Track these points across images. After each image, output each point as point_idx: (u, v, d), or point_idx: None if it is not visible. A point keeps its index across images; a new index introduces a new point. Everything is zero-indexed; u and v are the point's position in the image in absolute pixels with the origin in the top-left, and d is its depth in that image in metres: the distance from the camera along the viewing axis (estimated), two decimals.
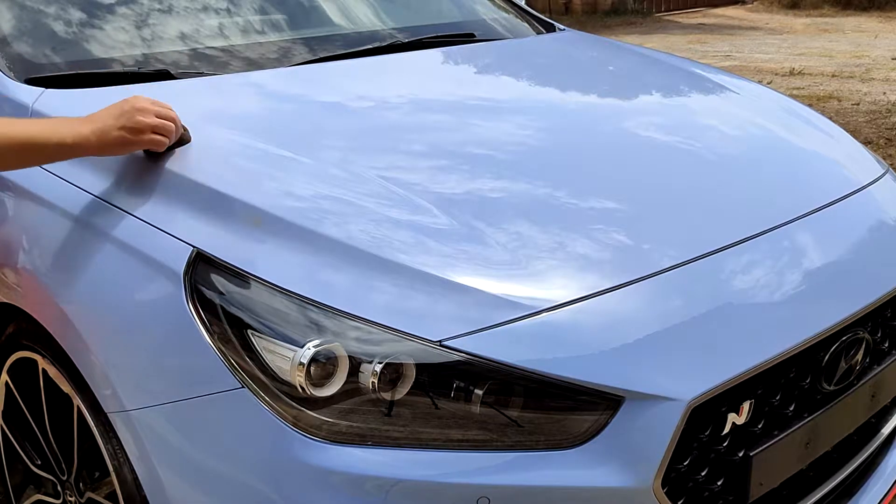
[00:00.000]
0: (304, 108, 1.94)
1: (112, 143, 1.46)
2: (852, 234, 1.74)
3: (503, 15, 2.79)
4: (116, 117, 1.46)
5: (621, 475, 1.28)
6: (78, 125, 1.46)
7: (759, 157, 1.94)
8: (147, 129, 1.47)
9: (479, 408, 1.27)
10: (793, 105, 2.37)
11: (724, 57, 9.59)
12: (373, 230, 1.41)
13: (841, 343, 1.52)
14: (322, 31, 2.41)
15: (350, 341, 1.28)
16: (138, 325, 1.40)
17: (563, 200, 1.61)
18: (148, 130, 1.47)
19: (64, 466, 1.68)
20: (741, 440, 1.43)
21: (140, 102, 1.48)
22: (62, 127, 1.46)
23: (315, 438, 1.26)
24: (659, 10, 15.64)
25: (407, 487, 1.25)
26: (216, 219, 1.43)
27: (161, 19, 2.12)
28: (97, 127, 1.45)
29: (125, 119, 1.46)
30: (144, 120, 1.47)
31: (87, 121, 1.46)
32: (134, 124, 1.46)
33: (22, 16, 1.98)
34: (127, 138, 1.46)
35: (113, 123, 1.46)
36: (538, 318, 1.32)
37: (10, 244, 1.63)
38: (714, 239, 1.54)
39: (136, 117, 1.46)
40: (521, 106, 2.14)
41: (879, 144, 5.45)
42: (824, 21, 13.13)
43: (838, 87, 7.47)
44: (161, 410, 1.35)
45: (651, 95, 2.35)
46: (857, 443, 1.72)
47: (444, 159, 1.73)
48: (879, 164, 2.08)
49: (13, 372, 1.71)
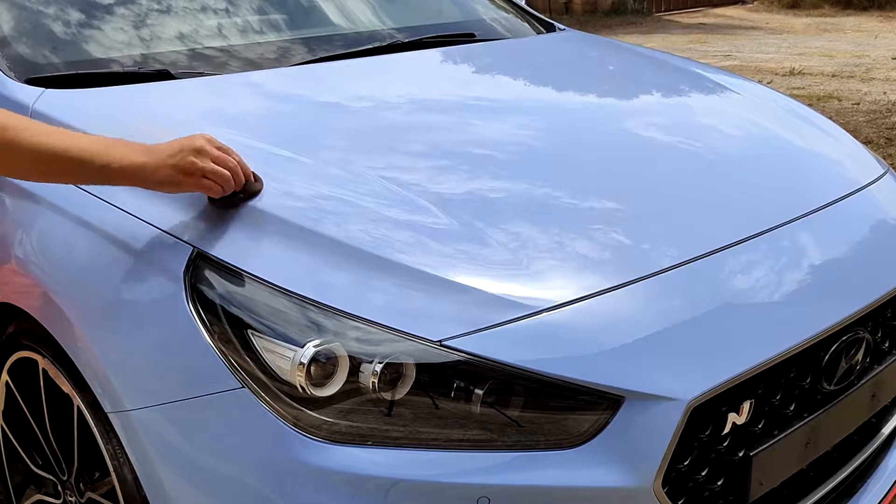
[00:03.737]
0: (303, 108, 1.94)
1: (161, 181, 1.38)
2: (852, 234, 1.74)
3: (503, 15, 2.79)
4: (172, 154, 1.38)
5: (621, 475, 1.28)
6: (131, 153, 1.37)
7: (759, 156, 1.94)
8: (199, 172, 1.38)
9: (480, 408, 1.27)
10: (793, 105, 2.37)
11: (725, 57, 9.59)
12: (373, 230, 1.41)
13: (841, 343, 1.52)
14: (322, 30, 2.41)
15: (350, 341, 1.28)
16: (138, 325, 1.40)
17: (563, 200, 1.61)
18: (199, 175, 1.38)
19: (64, 466, 1.68)
20: (741, 440, 1.43)
21: (199, 142, 1.39)
22: (114, 150, 1.37)
23: (315, 438, 1.26)
24: (659, 10, 15.65)
25: (407, 487, 1.25)
26: (216, 218, 1.43)
27: (161, 19, 2.12)
28: (152, 159, 1.37)
29: (179, 158, 1.37)
30: (198, 163, 1.38)
31: (144, 151, 1.38)
32: (187, 165, 1.37)
33: (22, 16, 1.98)
34: (176, 178, 1.38)
35: (166, 160, 1.37)
36: (538, 318, 1.31)
37: (9, 244, 1.63)
38: (714, 239, 1.54)
39: (189, 158, 1.37)
40: (522, 106, 2.14)
41: (879, 144, 5.45)
42: (824, 21, 13.13)
43: (838, 87, 7.47)
44: (161, 410, 1.35)
45: (651, 95, 2.35)
46: (857, 443, 1.72)
47: (444, 159, 1.72)
48: (879, 164, 2.08)
49: (13, 372, 1.71)
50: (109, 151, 1.36)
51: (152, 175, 1.37)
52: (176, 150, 1.38)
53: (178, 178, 1.38)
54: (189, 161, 1.37)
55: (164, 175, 1.37)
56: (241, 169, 1.44)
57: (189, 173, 1.38)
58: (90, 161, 1.35)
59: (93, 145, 1.36)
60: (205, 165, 1.38)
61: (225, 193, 1.43)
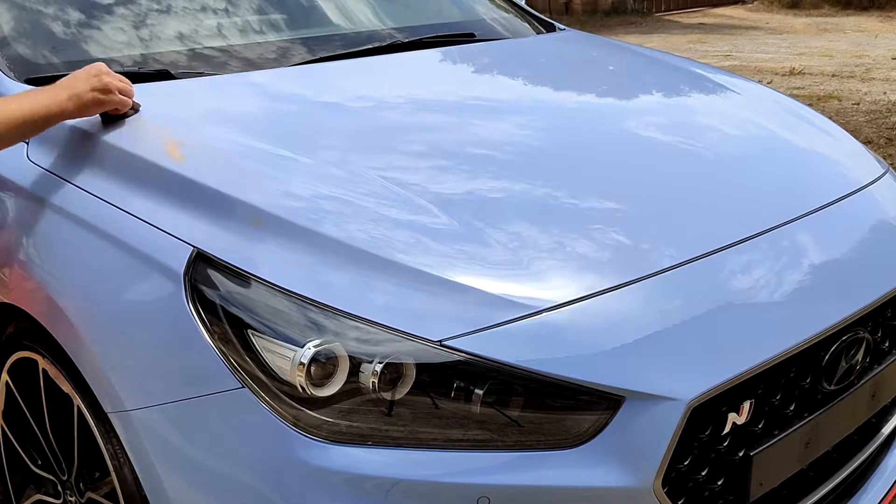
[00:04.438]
0: (303, 108, 1.94)
1: (88, 105, 1.58)
2: (852, 234, 1.74)
3: (503, 15, 2.79)
4: (86, 80, 1.59)
5: (621, 475, 1.28)
6: (54, 94, 1.56)
7: (759, 156, 1.94)
8: (115, 88, 1.61)
9: (480, 408, 1.27)
10: (793, 105, 2.36)
11: (725, 57, 9.59)
12: (372, 230, 1.41)
13: (841, 343, 1.52)
14: (322, 30, 2.41)
15: (350, 341, 1.28)
16: (138, 325, 1.40)
17: (563, 200, 1.61)
18: (115, 90, 1.61)
19: (64, 466, 1.68)
20: (741, 440, 1.43)
21: (103, 67, 1.63)
22: (41, 98, 1.55)
23: (315, 438, 1.26)
24: (659, 10, 15.64)
25: (407, 487, 1.25)
26: (216, 219, 1.43)
27: (160, 20, 2.12)
28: (72, 93, 1.57)
29: (95, 81, 1.59)
30: (112, 81, 1.61)
31: (61, 88, 1.57)
32: (104, 86, 1.59)
33: (22, 16, 1.98)
34: (100, 98, 1.59)
35: (84, 87, 1.58)
36: (538, 317, 1.31)
37: (9, 244, 1.63)
38: (714, 239, 1.54)
39: (104, 79, 1.60)
40: (521, 106, 2.14)
41: (880, 144, 5.45)
42: (824, 21, 13.13)
43: (838, 87, 7.47)
44: (161, 410, 1.35)
45: (651, 95, 2.35)
46: (857, 442, 1.72)
47: (443, 159, 1.72)
48: (880, 164, 2.08)
49: (13, 372, 1.71)
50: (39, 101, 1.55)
51: (80, 103, 1.57)
52: (87, 77, 1.60)
53: (101, 98, 1.60)
54: (105, 81, 1.60)
55: (90, 99, 1.58)
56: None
57: (109, 91, 1.60)
58: (33, 118, 1.53)
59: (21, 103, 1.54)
60: (117, 82, 1.62)
61: (129, 107, 1.65)
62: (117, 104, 1.63)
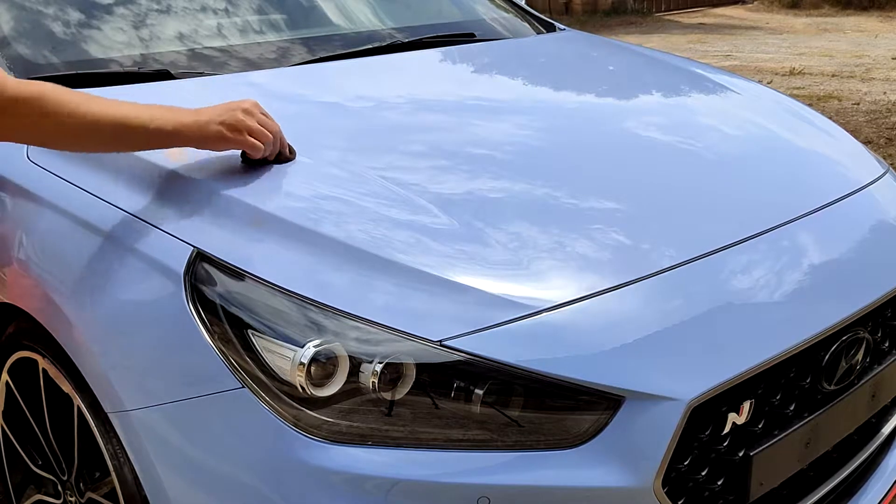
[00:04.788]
0: (303, 108, 1.94)
1: (210, 137, 1.48)
2: (852, 234, 1.74)
3: (503, 15, 2.79)
4: (220, 113, 1.48)
5: (621, 475, 1.28)
6: (180, 114, 1.46)
7: (759, 156, 1.94)
8: (245, 129, 1.49)
9: (480, 408, 1.27)
10: (793, 105, 2.37)
11: (725, 57, 9.59)
12: (372, 230, 1.41)
13: (841, 343, 1.52)
14: (321, 31, 2.41)
15: (350, 341, 1.28)
16: (138, 325, 1.40)
17: (563, 200, 1.61)
18: (245, 131, 1.49)
19: (64, 466, 1.68)
20: (741, 440, 1.43)
21: (247, 105, 1.51)
22: (164, 113, 1.46)
23: (315, 438, 1.26)
24: (659, 10, 15.63)
25: (407, 487, 1.25)
26: (216, 218, 1.44)
27: (160, 19, 2.12)
28: (200, 119, 1.47)
29: (227, 116, 1.48)
30: (245, 120, 1.48)
31: (192, 112, 1.48)
32: (234, 122, 1.48)
33: (22, 16, 1.98)
34: (224, 135, 1.48)
35: (215, 118, 1.47)
36: (538, 317, 1.31)
37: (9, 244, 1.63)
38: (714, 239, 1.54)
39: (237, 116, 1.48)
40: (521, 106, 2.14)
41: (880, 144, 5.45)
42: (824, 21, 13.13)
43: (838, 87, 7.47)
44: (161, 410, 1.35)
45: (651, 95, 2.35)
46: (857, 442, 1.72)
47: (443, 159, 1.72)
48: (880, 164, 2.08)
49: (13, 372, 1.71)
50: (159, 115, 1.45)
51: (202, 131, 1.46)
52: (223, 110, 1.49)
53: (225, 135, 1.47)
54: (237, 118, 1.48)
55: (214, 131, 1.47)
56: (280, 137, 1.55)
57: (237, 129, 1.48)
58: (144, 126, 1.43)
59: (143, 112, 1.44)
60: (251, 124, 1.49)
61: (265, 154, 1.52)
62: (245, 146, 1.51)
